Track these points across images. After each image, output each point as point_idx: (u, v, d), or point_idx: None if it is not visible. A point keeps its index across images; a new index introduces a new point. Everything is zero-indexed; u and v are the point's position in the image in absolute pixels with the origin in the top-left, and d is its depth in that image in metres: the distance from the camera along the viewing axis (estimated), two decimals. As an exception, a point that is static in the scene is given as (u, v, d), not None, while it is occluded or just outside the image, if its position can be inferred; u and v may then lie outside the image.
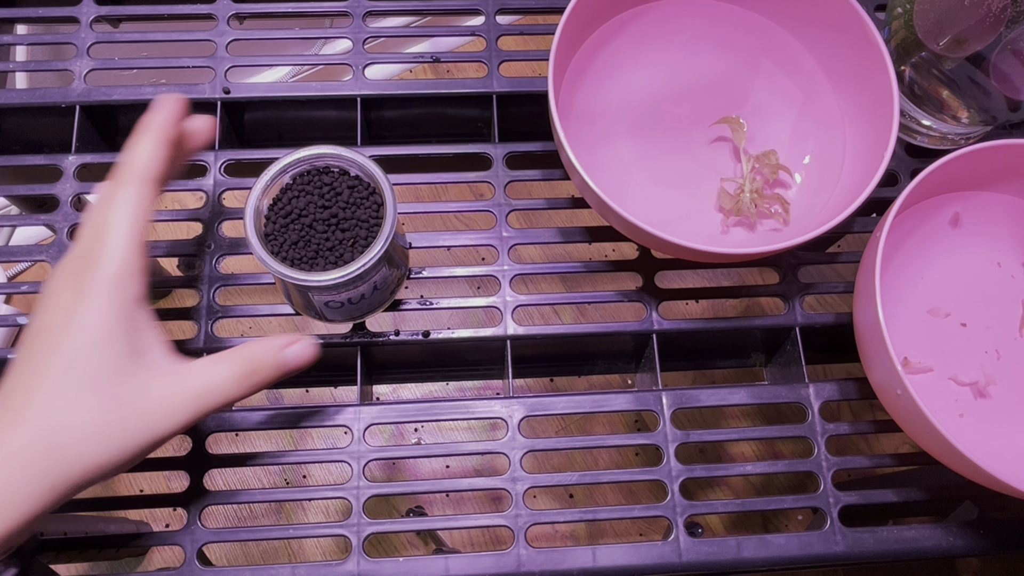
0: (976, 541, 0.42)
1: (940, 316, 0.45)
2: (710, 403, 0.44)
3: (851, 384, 0.45)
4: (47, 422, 0.30)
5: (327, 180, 0.39)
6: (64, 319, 0.31)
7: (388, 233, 0.37)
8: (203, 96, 0.49)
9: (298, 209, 0.38)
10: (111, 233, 0.33)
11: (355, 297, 0.40)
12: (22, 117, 0.50)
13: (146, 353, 0.33)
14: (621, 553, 0.41)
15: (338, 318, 0.43)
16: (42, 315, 0.32)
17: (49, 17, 0.51)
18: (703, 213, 0.47)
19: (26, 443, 0.30)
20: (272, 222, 0.38)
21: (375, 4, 0.52)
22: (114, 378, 0.31)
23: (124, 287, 0.32)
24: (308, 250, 0.38)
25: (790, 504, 0.43)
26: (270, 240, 0.38)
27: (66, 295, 0.32)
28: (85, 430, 0.31)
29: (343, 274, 0.36)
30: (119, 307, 0.32)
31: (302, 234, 0.38)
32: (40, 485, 0.30)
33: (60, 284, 0.33)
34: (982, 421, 0.43)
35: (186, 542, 0.41)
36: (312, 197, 0.38)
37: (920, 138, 0.49)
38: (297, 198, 0.38)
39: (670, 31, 0.49)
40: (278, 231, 0.38)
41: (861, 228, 0.48)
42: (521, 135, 0.50)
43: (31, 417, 0.30)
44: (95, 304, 0.31)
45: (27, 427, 0.30)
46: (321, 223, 0.38)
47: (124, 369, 0.31)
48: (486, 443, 0.43)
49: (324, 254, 0.38)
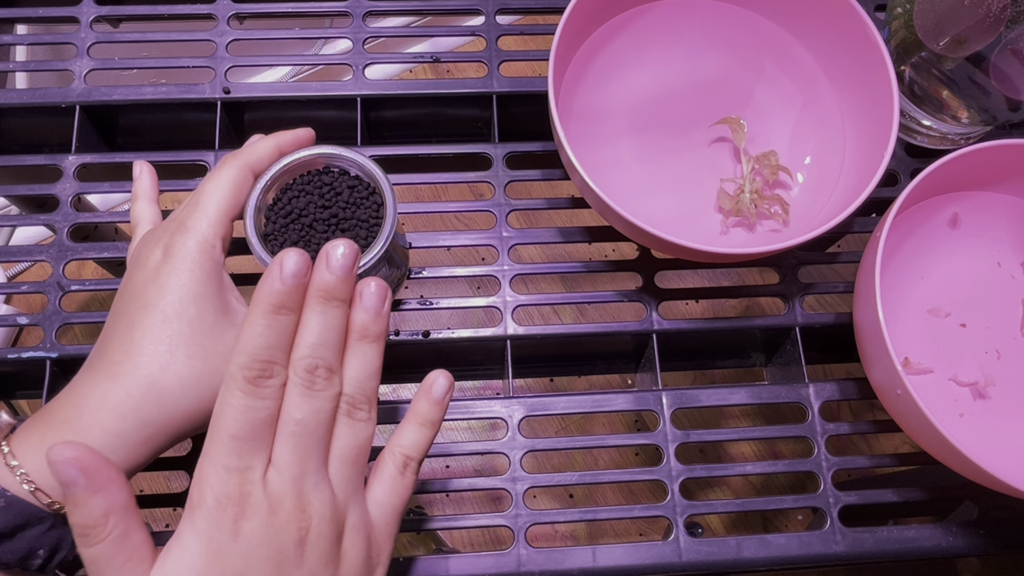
0: (976, 541, 0.42)
1: (940, 316, 0.45)
2: (710, 403, 0.44)
3: (851, 384, 0.45)
4: (148, 372, 0.32)
5: (327, 180, 0.39)
6: (156, 278, 0.33)
7: (388, 233, 0.37)
8: (203, 96, 0.49)
9: (298, 209, 0.38)
10: (204, 202, 0.35)
11: None
12: (22, 117, 0.50)
13: (232, 312, 0.35)
14: (621, 553, 0.41)
15: None
16: (135, 275, 0.34)
17: (49, 17, 0.51)
18: (703, 213, 0.47)
19: (130, 392, 0.31)
20: (272, 222, 0.38)
21: (375, 4, 0.52)
22: (207, 331, 0.33)
23: (209, 252, 0.34)
24: (308, 250, 0.38)
25: (790, 504, 0.43)
26: (270, 240, 0.38)
27: (156, 255, 0.34)
28: (183, 380, 0.32)
29: None
30: (205, 269, 0.34)
31: (302, 234, 0.38)
32: (142, 433, 0.31)
33: (153, 245, 0.34)
34: (982, 421, 0.43)
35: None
36: (312, 197, 0.38)
37: (920, 138, 0.49)
38: (297, 198, 0.38)
39: (670, 31, 0.49)
40: (278, 231, 0.38)
41: (861, 228, 0.48)
42: (521, 135, 0.50)
43: (132, 369, 0.32)
44: (184, 265, 0.33)
45: (129, 378, 0.31)
46: (321, 223, 0.38)
47: (214, 324, 0.33)
48: (486, 443, 0.43)
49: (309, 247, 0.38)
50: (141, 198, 0.41)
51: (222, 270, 0.35)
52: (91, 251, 0.46)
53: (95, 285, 0.46)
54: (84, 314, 0.45)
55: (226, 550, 0.26)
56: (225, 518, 0.27)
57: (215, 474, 0.27)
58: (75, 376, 0.33)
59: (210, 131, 0.49)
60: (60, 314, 0.44)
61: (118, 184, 0.48)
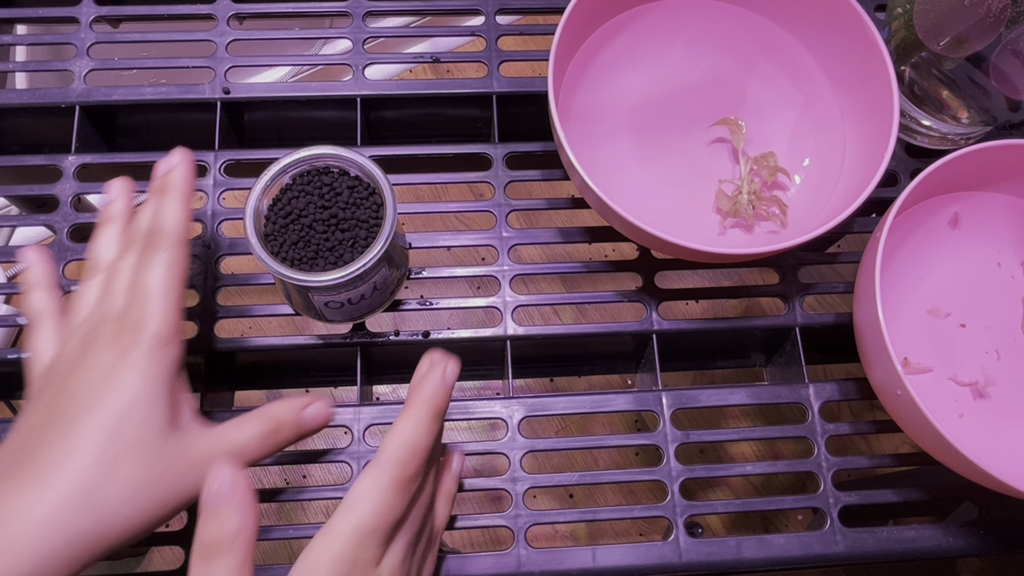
0: (976, 541, 0.42)
1: (940, 316, 0.45)
2: (710, 403, 0.44)
3: (851, 384, 0.45)
4: (84, 483, 0.29)
5: (327, 180, 0.39)
6: (105, 380, 0.31)
7: (388, 233, 0.37)
8: (203, 96, 0.49)
9: (298, 209, 0.38)
10: (151, 297, 0.33)
11: (355, 297, 0.40)
12: (22, 117, 0.50)
13: (182, 415, 0.33)
14: (621, 553, 0.41)
15: (338, 318, 0.43)
16: (79, 375, 0.31)
17: (49, 17, 0.51)
18: (703, 213, 0.47)
19: (60, 504, 0.29)
20: (272, 222, 0.38)
21: (375, 4, 0.52)
22: (155, 439, 0.31)
23: (166, 350, 0.32)
24: (308, 250, 0.38)
25: (790, 504, 0.43)
26: (270, 240, 0.38)
27: (106, 356, 0.31)
28: (124, 491, 0.30)
29: (343, 274, 0.36)
30: (160, 369, 0.32)
31: (302, 234, 0.38)
32: (72, 549, 0.29)
33: (98, 346, 0.32)
34: (982, 421, 0.43)
35: (186, 542, 0.41)
36: (312, 197, 0.38)
37: (920, 138, 0.49)
38: (297, 198, 0.38)
39: (670, 31, 0.49)
40: (278, 231, 0.38)
41: (861, 228, 0.48)
42: (521, 135, 0.50)
43: (68, 476, 0.29)
44: (138, 366, 0.31)
45: (62, 488, 0.29)
46: (321, 223, 0.38)
47: (163, 430, 0.31)
48: (486, 443, 0.43)
49: (324, 254, 0.38)
50: (38, 287, 0.37)
51: (175, 370, 0.33)
52: (91, 251, 0.46)
53: (95, 285, 0.46)
54: (84, 314, 0.45)
55: None
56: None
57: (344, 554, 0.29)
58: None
59: (210, 131, 0.48)
60: (60, 314, 0.44)
61: (118, 184, 0.48)
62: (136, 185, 0.49)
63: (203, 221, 0.46)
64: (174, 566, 0.41)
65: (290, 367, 0.51)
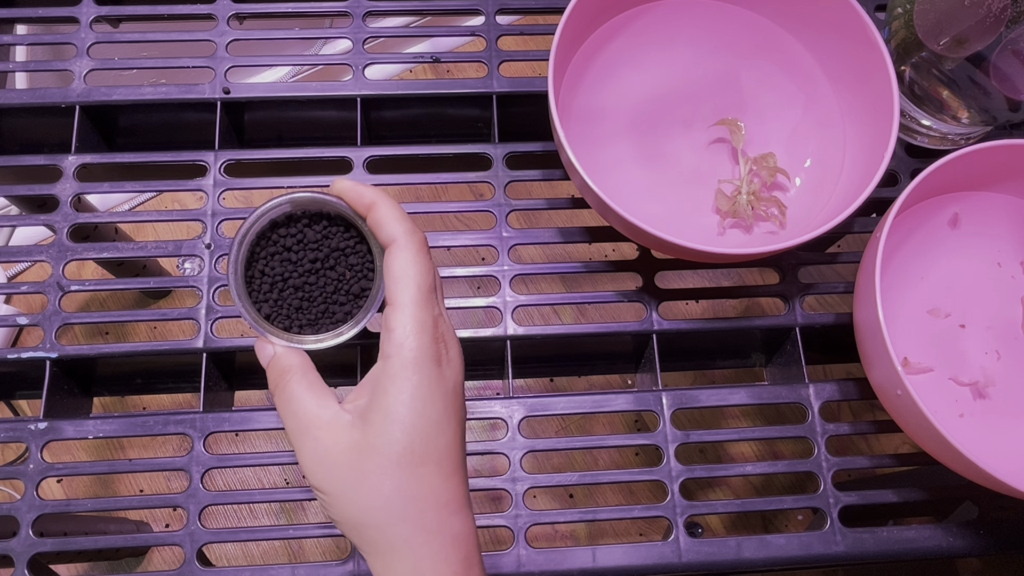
0: (976, 541, 0.42)
1: (940, 316, 0.45)
2: (710, 403, 0.44)
3: (851, 384, 0.45)
4: None
5: (307, 237, 0.34)
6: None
7: (374, 310, 0.34)
8: (203, 96, 0.49)
9: (283, 275, 0.34)
10: None
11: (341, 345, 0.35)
12: (22, 117, 0.50)
13: None
14: (621, 553, 0.41)
15: None
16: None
17: (49, 17, 0.51)
18: (703, 213, 0.47)
19: None
20: (257, 289, 0.34)
21: (375, 4, 0.52)
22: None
23: None
24: (305, 315, 0.35)
25: (790, 504, 0.43)
26: (258, 308, 0.34)
27: None
28: None
29: (320, 343, 0.34)
30: None
31: (296, 303, 0.34)
32: None
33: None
34: (982, 421, 0.43)
35: (186, 542, 0.41)
36: (290, 255, 0.34)
37: (920, 138, 0.49)
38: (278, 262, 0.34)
39: (670, 31, 0.49)
40: (273, 300, 0.34)
41: (861, 228, 0.48)
42: (521, 135, 0.50)
43: None
44: None
45: None
46: (309, 286, 0.34)
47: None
48: (486, 443, 0.43)
49: (323, 321, 0.35)
50: None
51: None
52: (91, 251, 0.46)
53: (95, 285, 0.46)
54: (84, 314, 0.45)
55: (442, 378, 0.31)
56: (438, 349, 0.31)
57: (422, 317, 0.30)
58: None
59: (210, 131, 0.48)
60: (60, 314, 0.44)
61: (118, 184, 0.48)
62: (138, 185, 0.49)
63: (203, 221, 0.46)
64: (174, 566, 0.41)
65: (290, 367, 0.51)
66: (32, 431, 0.42)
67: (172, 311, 0.45)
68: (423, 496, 0.30)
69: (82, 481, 0.91)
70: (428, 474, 0.30)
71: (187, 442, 0.43)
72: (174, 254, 0.46)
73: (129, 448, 0.92)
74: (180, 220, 0.47)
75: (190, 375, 0.50)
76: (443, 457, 0.30)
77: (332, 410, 0.31)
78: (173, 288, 0.47)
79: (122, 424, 0.43)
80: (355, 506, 0.30)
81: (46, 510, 0.41)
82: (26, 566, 0.40)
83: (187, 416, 0.43)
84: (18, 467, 0.42)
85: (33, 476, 0.42)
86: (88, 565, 0.84)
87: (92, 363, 0.47)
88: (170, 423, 0.43)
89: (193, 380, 0.49)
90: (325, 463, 0.30)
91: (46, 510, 0.41)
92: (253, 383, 0.50)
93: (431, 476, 0.30)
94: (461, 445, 0.31)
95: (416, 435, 0.30)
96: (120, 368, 0.49)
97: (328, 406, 0.32)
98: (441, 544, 0.30)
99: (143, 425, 0.43)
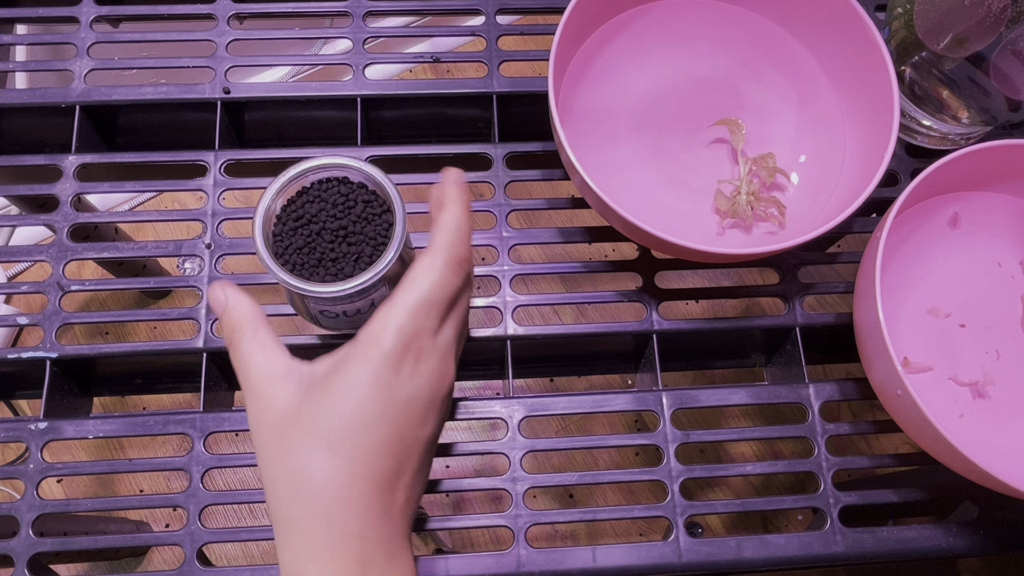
0: (976, 541, 0.42)
1: (940, 316, 0.45)
2: (710, 403, 0.44)
3: (851, 384, 0.45)
4: None
5: (344, 191, 0.38)
6: None
7: (393, 254, 0.36)
8: (203, 96, 0.49)
9: (309, 215, 0.38)
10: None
11: (351, 311, 0.39)
12: (22, 117, 0.50)
13: None
14: (621, 553, 0.41)
15: (331, 327, 0.42)
16: None
17: (49, 17, 0.51)
18: (703, 214, 0.47)
19: None
20: (282, 223, 0.38)
21: (375, 4, 0.52)
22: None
23: None
24: (311, 257, 0.38)
25: (790, 504, 0.43)
26: (276, 241, 0.38)
27: None
28: None
29: (340, 289, 0.36)
30: None
31: (308, 240, 0.38)
32: None
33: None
34: (982, 421, 0.43)
35: (186, 542, 0.41)
36: (325, 205, 0.38)
37: (920, 138, 0.49)
38: (311, 203, 0.38)
39: (670, 31, 0.49)
40: (286, 233, 0.38)
41: (861, 228, 0.48)
42: (521, 135, 0.50)
43: None
44: None
45: None
46: (329, 232, 0.38)
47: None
48: (486, 443, 0.43)
49: (327, 264, 0.38)
50: None
51: None
52: (91, 251, 0.46)
53: (95, 285, 0.46)
54: (84, 314, 0.45)
55: (394, 385, 0.30)
56: (406, 358, 0.31)
57: (408, 321, 0.31)
58: None
59: (210, 131, 0.49)
60: (60, 314, 0.44)
61: (118, 184, 0.48)
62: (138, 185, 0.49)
63: (203, 221, 0.46)
64: (174, 566, 0.41)
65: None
66: (32, 431, 0.42)
67: (172, 311, 0.45)
68: (323, 484, 0.29)
69: (82, 481, 0.91)
70: (335, 466, 0.29)
71: (187, 442, 0.43)
72: (174, 254, 0.46)
73: (129, 448, 0.92)
74: (180, 220, 0.47)
75: (190, 375, 0.50)
76: (359, 457, 0.30)
77: (278, 372, 0.31)
78: (173, 288, 0.47)
79: (122, 424, 0.43)
80: (265, 472, 0.31)
81: (46, 510, 0.41)
82: (26, 566, 0.40)
83: (187, 416, 0.43)
84: (18, 467, 0.42)
85: (33, 476, 0.42)
86: (88, 565, 0.84)
87: (92, 363, 0.47)
88: (170, 423, 0.43)
89: (193, 380, 0.49)
90: (258, 423, 0.31)
91: (46, 510, 0.41)
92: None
93: (336, 469, 0.29)
94: (391, 457, 0.30)
95: (340, 424, 0.30)
96: (120, 368, 0.49)
97: (274, 368, 0.32)
98: (328, 537, 0.29)
99: (143, 425, 0.43)
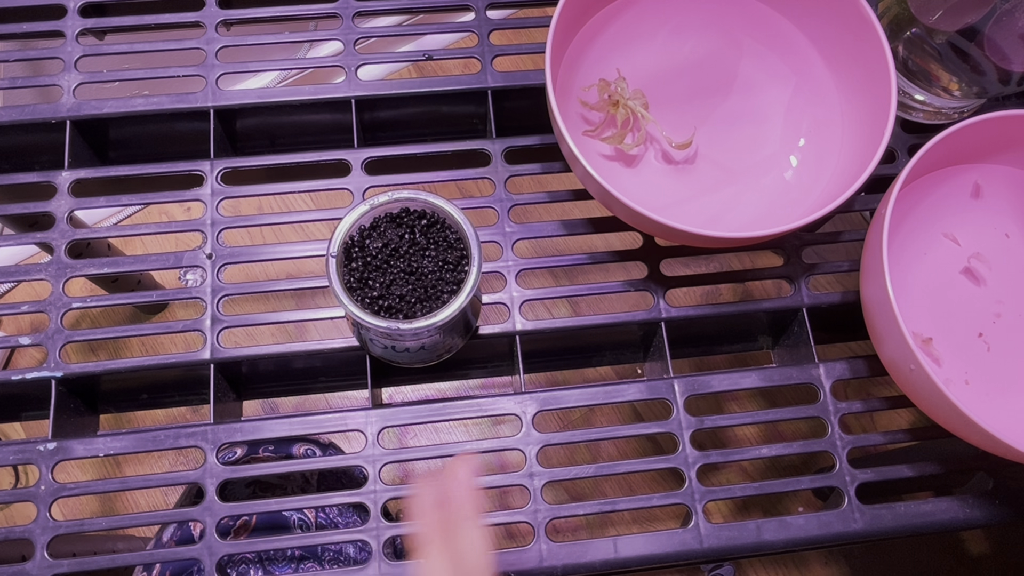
0: (993, 511, 0.42)
1: (946, 289, 0.45)
2: (722, 388, 0.44)
3: (860, 362, 0.45)
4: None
5: (435, 227, 0.39)
6: None
7: (460, 302, 0.37)
8: (195, 105, 0.48)
9: (393, 242, 0.38)
10: None
11: (399, 347, 0.40)
12: (11, 135, 0.49)
13: None
14: (643, 543, 0.41)
15: (377, 352, 0.43)
16: None
17: (34, 32, 0.50)
18: (703, 198, 0.47)
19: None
20: (358, 242, 0.38)
21: (364, 4, 0.51)
22: None
23: None
24: (379, 282, 0.38)
25: (807, 484, 0.43)
26: (350, 259, 0.38)
27: None
28: None
29: (394, 327, 0.36)
30: None
31: (381, 265, 0.38)
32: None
33: None
34: (988, 385, 0.43)
35: (204, 556, 0.40)
36: (406, 231, 0.39)
37: (915, 113, 0.49)
38: (394, 228, 0.39)
39: (664, 15, 0.49)
40: (362, 253, 0.38)
41: (861, 206, 0.48)
42: (517, 130, 0.49)
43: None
44: None
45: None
46: (403, 261, 0.38)
47: None
48: (501, 440, 0.43)
49: (389, 298, 0.38)
50: None
51: None
52: (91, 267, 0.45)
53: (97, 301, 0.46)
54: (88, 331, 0.44)
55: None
56: None
57: None
58: None
59: (204, 140, 0.48)
60: (63, 332, 0.44)
61: (114, 198, 0.47)
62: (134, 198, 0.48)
63: (203, 231, 0.46)
64: None
65: (297, 374, 0.50)
66: (41, 452, 0.42)
67: (177, 323, 0.45)
68: None
69: (81, 499, 0.90)
70: None
71: (187, 456, 0.42)
72: (175, 266, 0.46)
73: (135, 463, 0.91)
74: (180, 231, 0.46)
75: (196, 387, 0.50)
76: None
77: None
78: (174, 301, 0.46)
79: (132, 440, 0.42)
80: None
81: (60, 531, 0.41)
82: None
83: (198, 428, 0.42)
84: (29, 489, 0.41)
85: (45, 498, 0.41)
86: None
87: (97, 380, 0.47)
88: (181, 436, 0.42)
89: (200, 392, 0.48)
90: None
91: (60, 531, 0.41)
92: (261, 392, 0.50)
93: None
94: None
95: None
96: (125, 383, 0.49)
97: None
98: None
99: (154, 440, 0.42)
